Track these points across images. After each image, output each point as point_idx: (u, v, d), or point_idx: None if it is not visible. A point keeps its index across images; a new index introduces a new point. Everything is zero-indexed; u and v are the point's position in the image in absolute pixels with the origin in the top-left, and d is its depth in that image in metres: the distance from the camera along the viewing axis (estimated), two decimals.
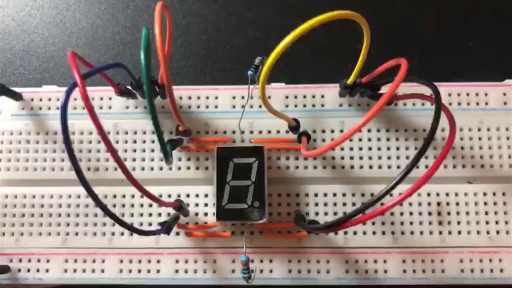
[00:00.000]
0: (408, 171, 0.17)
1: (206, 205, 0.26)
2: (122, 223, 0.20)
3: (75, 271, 0.25)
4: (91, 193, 0.19)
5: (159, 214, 0.26)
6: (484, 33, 0.31)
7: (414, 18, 0.32)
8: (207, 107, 0.27)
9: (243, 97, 0.27)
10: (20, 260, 0.26)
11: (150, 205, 0.26)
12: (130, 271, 0.25)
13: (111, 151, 0.18)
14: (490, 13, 0.32)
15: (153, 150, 0.26)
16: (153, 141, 0.26)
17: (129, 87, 0.25)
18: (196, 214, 0.26)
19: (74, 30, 0.32)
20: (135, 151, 0.26)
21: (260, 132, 0.26)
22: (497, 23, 0.31)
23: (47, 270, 0.25)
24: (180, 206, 0.24)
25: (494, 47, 0.31)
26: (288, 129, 0.25)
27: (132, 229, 0.21)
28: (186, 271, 0.25)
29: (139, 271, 0.25)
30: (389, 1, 0.32)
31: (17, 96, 0.27)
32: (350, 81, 0.24)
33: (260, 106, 0.27)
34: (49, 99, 0.27)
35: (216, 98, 0.27)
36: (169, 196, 0.26)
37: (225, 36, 0.32)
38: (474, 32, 0.31)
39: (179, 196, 0.26)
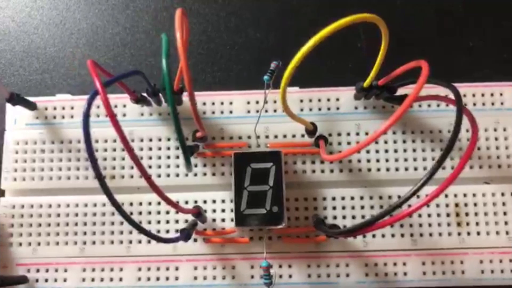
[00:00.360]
0: (434, 173, 0.17)
1: (223, 211, 0.26)
2: (144, 231, 0.20)
3: (93, 280, 0.25)
4: (113, 202, 0.19)
5: (176, 221, 0.26)
6: (483, 32, 0.31)
7: (414, 18, 0.32)
8: (221, 112, 0.27)
9: (257, 102, 0.27)
10: (38, 270, 0.25)
11: (167, 212, 0.26)
12: (149, 279, 0.25)
13: (133, 158, 0.18)
14: (490, 12, 0.31)
15: (169, 157, 0.26)
16: (168, 148, 0.26)
17: (145, 94, 0.25)
18: (214, 220, 0.26)
19: (74, 31, 0.32)
20: (150, 158, 0.26)
21: (276, 136, 0.26)
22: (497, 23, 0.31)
23: (65, 280, 0.25)
24: (199, 213, 0.24)
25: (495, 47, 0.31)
26: (305, 133, 0.25)
27: (153, 237, 0.20)
28: (205, 278, 0.25)
29: (158, 278, 0.25)
30: (389, 1, 0.32)
31: (31, 106, 0.27)
32: (366, 83, 0.24)
33: (275, 111, 0.27)
34: (63, 108, 0.27)
35: (231, 103, 0.27)
36: (186, 202, 0.26)
37: (225, 36, 0.32)
38: (474, 32, 0.31)
39: (195, 202, 0.26)
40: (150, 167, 0.26)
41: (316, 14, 0.32)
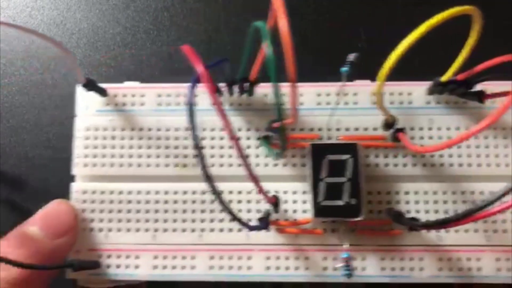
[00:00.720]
0: None
1: (295, 202, 0.26)
2: (237, 219, 0.20)
3: (165, 267, 0.25)
4: (214, 190, 0.19)
5: (248, 211, 0.26)
6: None
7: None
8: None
9: (328, 95, 0.27)
10: (109, 256, 0.26)
11: (239, 202, 0.26)
12: (221, 267, 0.25)
13: (237, 148, 0.18)
14: None
15: (247, 147, 0.26)
16: (248, 138, 0.26)
17: (221, 84, 0.25)
18: (285, 211, 0.26)
19: (75, 31, 0.32)
20: (222, 147, 0.26)
21: (347, 129, 0.26)
22: None
23: (136, 266, 0.25)
24: (276, 202, 0.24)
25: None
26: (377, 127, 0.26)
27: (243, 224, 0.20)
28: (277, 268, 0.25)
29: (230, 267, 0.25)
30: None
31: (103, 92, 0.27)
32: (445, 78, 0.24)
33: (346, 103, 0.27)
34: (133, 95, 0.27)
35: (301, 95, 0.27)
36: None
37: (225, 36, 0.32)
38: None
39: (267, 193, 0.26)
40: (221, 156, 0.26)
41: (316, 14, 0.32)
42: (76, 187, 0.26)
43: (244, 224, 0.20)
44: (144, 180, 0.26)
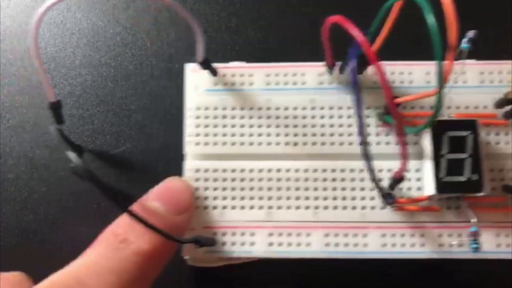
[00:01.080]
0: None
1: (409, 180, 0.26)
2: (384, 194, 0.20)
3: (280, 244, 0.26)
4: (371, 169, 0.19)
5: (362, 189, 0.26)
6: None
7: None
8: (401, 82, 0.27)
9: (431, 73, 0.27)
10: (224, 234, 0.26)
11: (352, 180, 0.26)
12: (337, 244, 0.25)
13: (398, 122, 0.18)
14: None
15: (350, 126, 0.26)
16: (349, 117, 0.27)
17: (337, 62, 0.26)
18: (400, 188, 0.26)
19: (75, 30, 0.33)
20: (332, 126, 0.27)
21: (457, 107, 0.26)
22: None
23: (252, 244, 0.26)
24: (401, 178, 0.24)
25: None
26: (495, 104, 0.26)
27: (386, 199, 0.21)
28: (393, 245, 0.25)
29: (346, 244, 0.25)
30: None
31: (214, 72, 0.27)
32: None
33: (455, 82, 0.27)
34: (241, 75, 0.27)
35: (410, 73, 0.27)
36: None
37: (226, 36, 0.32)
38: None
39: (380, 171, 0.26)
40: (332, 135, 0.26)
41: (316, 14, 0.32)
42: (189, 165, 0.26)
43: (386, 199, 0.21)
44: (255, 158, 0.26)
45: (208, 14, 0.33)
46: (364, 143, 0.19)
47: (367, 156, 0.19)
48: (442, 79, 0.18)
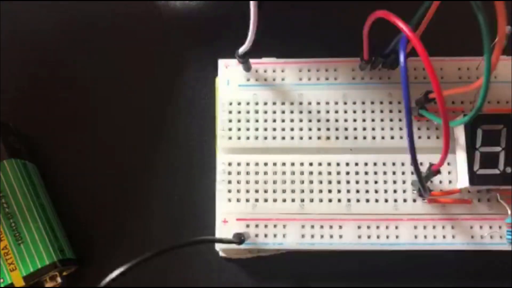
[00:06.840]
0: None
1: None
2: (423, 186, 0.20)
3: (312, 236, 0.26)
4: (415, 162, 0.19)
5: (394, 182, 0.26)
6: None
7: None
8: (424, 78, 0.27)
9: (468, 69, 0.27)
10: (257, 226, 0.26)
11: (384, 173, 0.26)
12: (369, 236, 0.26)
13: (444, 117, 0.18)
14: None
15: (382, 120, 0.27)
16: (381, 111, 0.27)
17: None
18: (431, 181, 0.26)
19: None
20: (364, 120, 0.27)
21: (489, 102, 0.27)
22: None
23: (284, 235, 0.26)
24: (438, 171, 0.24)
25: None
26: None
27: (424, 191, 0.21)
28: (425, 237, 0.26)
29: (378, 236, 0.26)
30: None
31: (249, 67, 0.27)
32: None
33: None
34: (274, 71, 0.28)
35: (441, 69, 0.27)
36: (403, 164, 0.26)
37: (226, 36, 0.32)
38: None
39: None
40: (364, 129, 0.27)
41: (316, 14, 0.32)
42: (221, 158, 0.27)
43: (426, 192, 0.21)
44: (287, 152, 0.27)
45: (209, 14, 0.33)
46: (410, 134, 0.19)
47: (412, 148, 0.19)
48: (489, 72, 0.19)
